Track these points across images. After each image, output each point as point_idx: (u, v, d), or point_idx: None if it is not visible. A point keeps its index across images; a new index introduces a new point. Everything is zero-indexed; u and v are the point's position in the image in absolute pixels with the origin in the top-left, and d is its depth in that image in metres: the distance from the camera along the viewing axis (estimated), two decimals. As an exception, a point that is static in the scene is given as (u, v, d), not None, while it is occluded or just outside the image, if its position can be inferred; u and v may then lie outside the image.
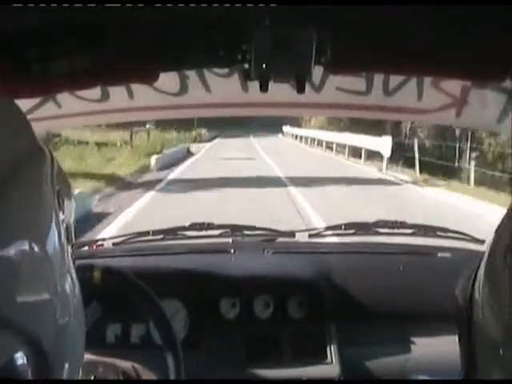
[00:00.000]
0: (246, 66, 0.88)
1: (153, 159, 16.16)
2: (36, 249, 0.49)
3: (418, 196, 9.44)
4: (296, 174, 11.58)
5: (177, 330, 1.22)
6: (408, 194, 9.64)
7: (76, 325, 0.57)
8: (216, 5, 0.72)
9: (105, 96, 1.24)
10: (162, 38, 0.82)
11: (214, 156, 19.29)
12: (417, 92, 1.28)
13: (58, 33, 0.77)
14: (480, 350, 0.61)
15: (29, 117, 0.62)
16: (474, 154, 13.39)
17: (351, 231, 1.90)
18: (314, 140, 25.24)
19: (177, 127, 26.76)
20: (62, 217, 0.57)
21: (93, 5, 0.70)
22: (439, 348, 1.54)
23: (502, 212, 0.60)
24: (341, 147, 19.70)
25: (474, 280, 0.62)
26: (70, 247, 0.60)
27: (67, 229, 0.59)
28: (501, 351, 0.54)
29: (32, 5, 0.67)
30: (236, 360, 1.53)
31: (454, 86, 1.26)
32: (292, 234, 1.93)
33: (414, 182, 11.08)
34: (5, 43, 0.75)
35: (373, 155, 15.68)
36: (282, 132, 35.21)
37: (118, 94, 1.25)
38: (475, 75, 0.90)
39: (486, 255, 0.61)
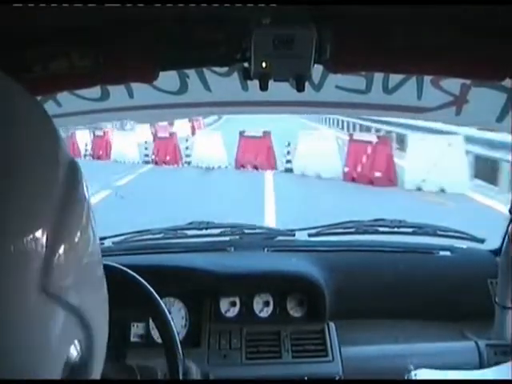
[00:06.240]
0: (246, 65, 0.89)
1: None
2: None
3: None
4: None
5: (177, 328, 1.22)
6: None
7: None
8: (216, 4, 0.72)
9: (105, 95, 1.24)
10: (162, 37, 0.82)
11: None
12: (416, 90, 1.28)
13: (58, 33, 0.78)
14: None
15: None
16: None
17: (351, 230, 1.90)
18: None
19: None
20: None
21: (93, 5, 0.70)
22: (439, 346, 1.55)
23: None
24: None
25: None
26: None
27: None
28: None
29: (32, 5, 0.67)
30: (236, 358, 1.53)
31: (453, 84, 1.26)
32: (292, 232, 1.93)
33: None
34: (5, 43, 0.75)
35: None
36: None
37: (117, 93, 1.25)
38: (475, 75, 0.90)
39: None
